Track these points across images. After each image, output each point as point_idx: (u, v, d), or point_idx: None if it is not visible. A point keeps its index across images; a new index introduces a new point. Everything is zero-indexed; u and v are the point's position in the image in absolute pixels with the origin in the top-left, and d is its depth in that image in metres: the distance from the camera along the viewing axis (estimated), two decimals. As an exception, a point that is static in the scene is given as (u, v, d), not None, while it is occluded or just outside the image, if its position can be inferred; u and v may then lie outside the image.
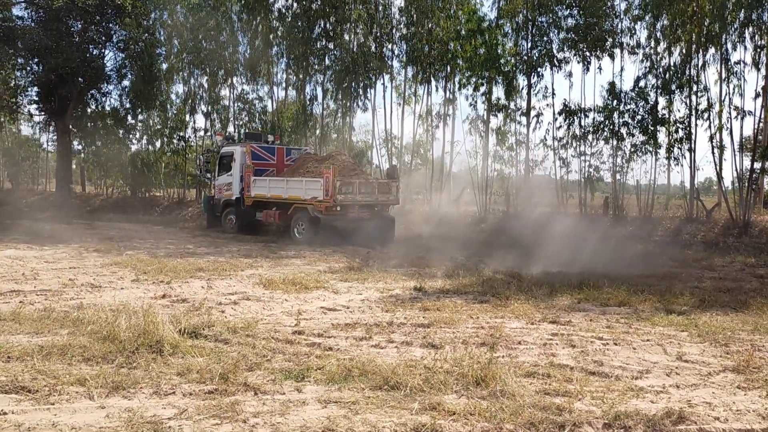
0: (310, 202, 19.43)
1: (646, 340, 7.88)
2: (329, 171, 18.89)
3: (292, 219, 20.21)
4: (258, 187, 21.58)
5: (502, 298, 10.53)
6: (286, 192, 20.43)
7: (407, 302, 10.14)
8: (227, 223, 22.92)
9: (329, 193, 18.88)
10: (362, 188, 19.95)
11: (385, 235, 20.15)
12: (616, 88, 23.76)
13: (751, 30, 21.29)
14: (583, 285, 11.79)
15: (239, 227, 22.25)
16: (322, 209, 19.10)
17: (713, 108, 22.64)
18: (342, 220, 19.30)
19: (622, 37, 23.85)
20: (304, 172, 20.58)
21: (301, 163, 21.63)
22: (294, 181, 20.36)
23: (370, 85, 28.64)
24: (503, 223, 25.52)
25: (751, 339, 8.14)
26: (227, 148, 23.31)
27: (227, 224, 22.88)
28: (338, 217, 19.23)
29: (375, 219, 20.25)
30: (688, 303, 10.60)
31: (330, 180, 18.85)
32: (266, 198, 21.21)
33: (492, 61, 24.59)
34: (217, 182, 23.56)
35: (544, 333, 8.19)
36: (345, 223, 19.31)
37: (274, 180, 21.33)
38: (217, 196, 23.58)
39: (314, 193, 19.34)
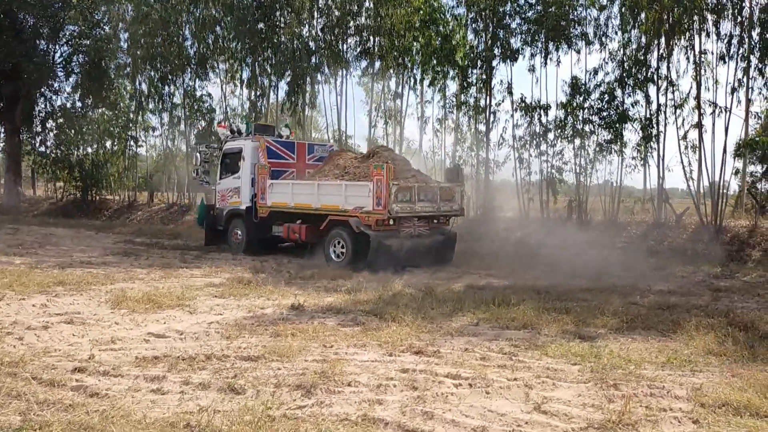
0: (353, 214, 14.34)
1: (513, 380, 6.23)
2: (382, 172, 13.78)
3: (327, 236, 15.11)
4: (277, 194, 16.45)
5: (386, 320, 8.90)
6: (318, 200, 15.24)
7: (266, 325, 8.54)
8: (233, 239, 17.69)
9: (382, 202, 13.84)
10: (422, 195, 14.90)
11: (444, 256, 15.69)
12: (579, 83, 22.08)
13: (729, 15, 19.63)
14: (494, 302, 10.17)
15: (249, 245, 17.14)
16: (372, 223, 14.06)
17: (687, 104, 21.00)
18: (396, 238, 14.34)
19: (584, 27, 22.16)
20: (341, 174, 15.71)
21: (332, 162, 16.62)
22: (330, 186, 15.20)
23: (324, 80, 27.08)
24: (459, 228, 23.85)
25: (653, 377, 6.49)
26: (233, 143, 17.98)
27: (233, 241, 17.67)
28: (392, 233, 14.28)
29: (433, 235, 15.43)
30: (607, 324, 8.98)
31: (383, 184, 13.77)
32: (288, 208, 16.12)
33: (447, 54, 22.96)
34: (220, 187, 18.34)
35: (393, 369, 6.56)
36: (400, 242, 14.40)
37: (300, 184, 16.11)
38: (219, 204, 18.37)
39: (360, 201, 14.26)
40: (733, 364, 6.96)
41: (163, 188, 33.22)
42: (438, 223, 15.71)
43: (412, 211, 14.59)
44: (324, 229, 15.14)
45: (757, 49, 19.04)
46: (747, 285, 13.47)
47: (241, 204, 17.47)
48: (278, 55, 25.91)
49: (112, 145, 33.02)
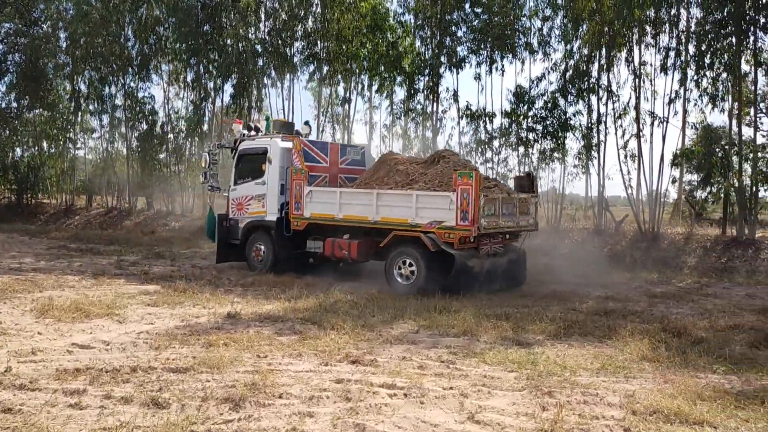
0: (427, 229, 12.11)
1: (449, 389, 6.14)
2: (470, 181, 11.63)
3: (390, 254, 12.70)
4: (318, 203, 13.74)
5: (325, 328, 8.72)
6: (377, 212, 12.77)
7: (199, 334, 8.24)
8: (254, 255, 14.97)
9: (469, 216, 11.65)
10: (504, 208, 12.85)
11: (517, 277, 13.59)
12: (523, 92, 22.39)
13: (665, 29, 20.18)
14: (435, 309, 10.12)
15: (277, 263, 14.44)
16: (455, 241, 11.89)
17: (627, 114, 21.52)
18: (477, 258, 12.30)
19: (528, 37, 22.51)
20: (405, 181, 13.09)
21: (387, 167, 13.83)
22: (395, 196, 12.67)
23: (271, 83, 26.73)
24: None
25: (587, 384, 6.49)
26: (252, 142, 15.23)
27: (254, 258, 14.97)
28: (473, 252, 12.26)
29: (507, 254, 13.36)
30: (545, 330, 9.02)
31: (472, 195, 11.63)
32: (334, 220, 13.50)
33: (394, 61, 22.96)
34: (235, 194, 15.40)
35: (327, 379, 6.38)
36: (480, 262, 12.31)
37: (352, 193, 13.44)
38: (234, 214, 15.40)
39: (438, 214, 12.04)
40: (666, 371, 7.04)
41: (102, 192, 32.18)
42: (510, 239, 13.60)
43: (497, 226, 12.55)
44: (385, 247, 12.70)
45: (693, 61, 19.64)
46: (682, 291, 13.80)
47: (266, 214, 14.66)
48: (223, 57, 25.43)
49: (49, 147, 31.82)
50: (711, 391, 6.19)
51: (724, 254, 18.06)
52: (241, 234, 15.12)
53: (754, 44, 18.92)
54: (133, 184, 29.70)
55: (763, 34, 18.85)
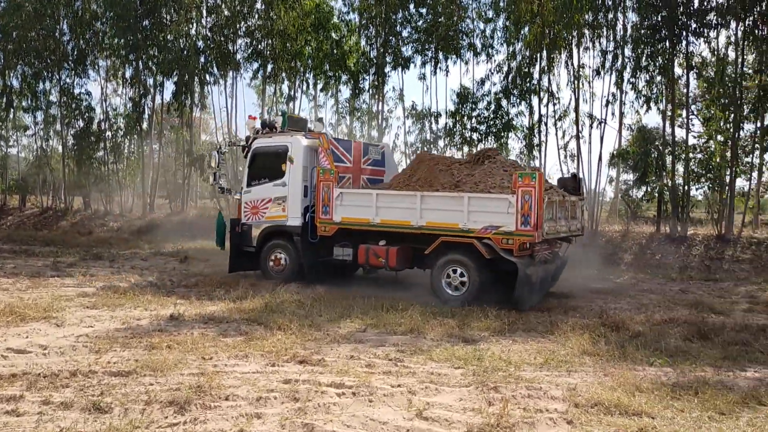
0: (482, 234, 10.96)
1: (397, 387, 6.18)
2: (532, 182, 10.53)
3: (437, 263, 11.51)
4: (350, 206, 12.43)
5: (271, 328, 8.64)
6: (421, 216, 11.58)
7: (141, 337, 8.03)
8: (271, 264, 13.59)
9: (531, 221, 10.55)
10: (560, 211, 11.93)
11: (553, 281, 12.74)
12: (467, 92, 22.72)
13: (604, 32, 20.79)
14: (382, 307, 10.15)
15: (300, 271, 13.20)
16: (514, 247, 10.76)
17: (567, 115, 22.11)
18: (534, 266, 11.09)
19: (472, 38, 22.85)
20: (452, 183, 11.92)
21: (425, 167, 12.60)
22: (443, 198, 11.49)
23: (214, 81, 26.29)
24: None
25: (531, 378, 6.64)
26: (269, 140, 13.78)
27: (271, 266, 13.58)
28: (529, 260, 11.02)
29: (554, 261, 12.33)
30: (490, 327, 9.16)
31: (535, 198, 10.54)
32: (370, 225, 12.19)
33: (339, 59, 22.92)
34: (249, 196, 13.91)
35: (275, 380, 6.33)
36: (536, 270, 11.15)
37: (391, 195, 12.12)
38: (247, 219, 13.94)
39: (495, 218, 10.87)
40: (606, 364, 7.27)
41: (37, 191, 31.02)
42: (558, 245, 12.63)
43: (556, 231, 11.64)
44: (431, 255, 11.60)
45: (629, 64, 20.31)
46: (619, 287, 14.25)
47: (287, 219, 13.30)
48: (164, 53, 24.88)
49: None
50: (648, 383, 6.41)
51: (658, 251, 18.74)
52: (257, 240, 13.71)
53: (686, 48, 19.71)
54: (69, 183, 28.75)
55: (694, 39, 19.69)
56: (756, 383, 6.61)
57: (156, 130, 28.35)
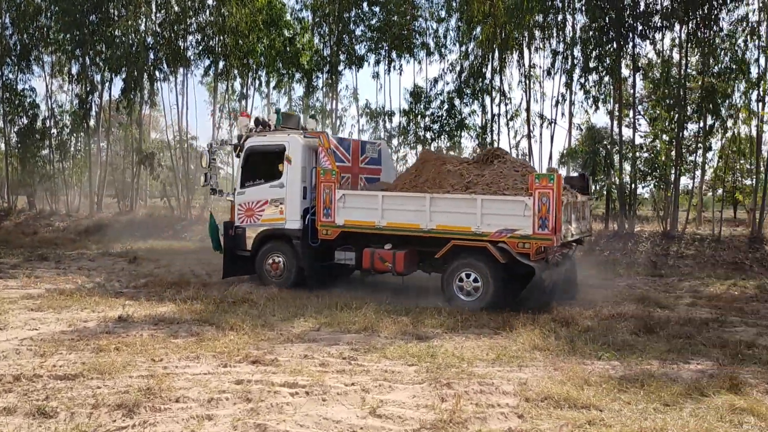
0: (496, 238, 10.58)
1: (351, 385, 6.18)
2: (550, 184, 10.18)
3: (449, 267, 11.12)
4: (353, 209, 11.86)
5: (223, 329, 8.53)
6: (430, 218, 11.10)
7: (88, 339, 7.84)
8: (269, 268, 12.81)
9: (549, 224, 10.19)
10: (574, 213, 11.72)
11: (570, 288, 12.12)
12: (420, 91, 22.86)
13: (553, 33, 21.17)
14: (336, 306, 10.13)
15: (300, 276, 12.55)
16: (531, 251, 10.42)
17: (519, 115, 22.46)
18: (548, 270, 10.75)
19: (425, 38, 23.00)
20: (462, 184, 11.41)
21: (432, 168, 12.02)
22: (455, 200, 11.02)
23: (163, 77, 25.79)
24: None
25: (483, 374, 6.73)
26: (264, 138, 13.00)
27: (270, 272, 12.81)
28: (544, 264, 10.66)
29: (565, 263, 11.81)
30: (444, 324, 9.22)
31: (553, 200, 10.17)
32: (375, 228, 11.64)
33: (292, 57, 22.77)
34: (243, 197, 13.04)
35: (227, 381, 6.26)
36: (550, 274, 10.83)
37: (397, 197, 11.61)
38: (241, 222, 13.08)
39: (510, 221, 10.47)
40: (556, 359, 7.41)
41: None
42: (572, 246, 12.32)
43: (570, 233, 11.34)
44: (442, 259, 11.19)
45: (578, 65, 20.75)
46: (570, 283, 14.51)
47: (285, 222, 12.62)
48: (112, 49, 24.28)
49: None
50: (597, 377, 6.57)
51: (606, 247, 19.18)
52: (253, 244, 12.95)
53: (632, 50, 20.23)
54: (13, 182, 27.81)
55: (640, 41, 20.25)
56: (699, 375, 6.83)
57: (104, 127, 27.66)
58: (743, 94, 19.56)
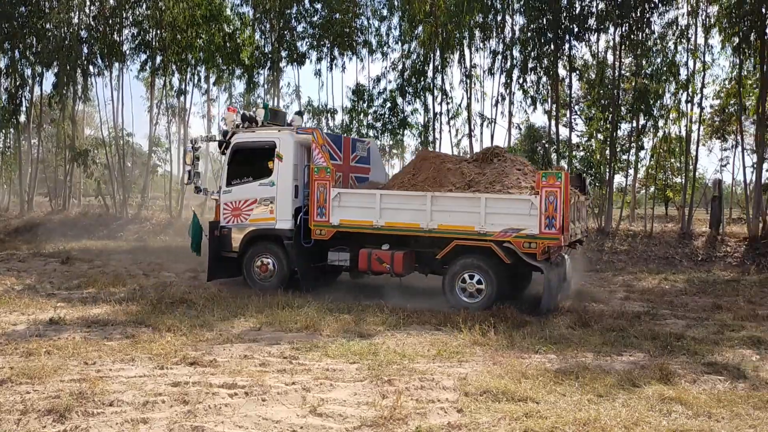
0: (501, 237, 10.34)
1: (291, 384, 6.13)
2: (557, 182, 9.97)
3: (451, 268, 10.86)
4: (349, 208, 11.44)
5: (160, 330, 8.33)
6: (431, 218, 10.78)
7: (17, 343, 7.53)
8: (257, 270, 12.25)
9: (556, 223, 9.98)
10: (578, 212, 11.62)
11: (565, 288, 11.59)
12: (363, 90, 22.87)
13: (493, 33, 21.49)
14: (278, 305, 10.03)
15: (288, 278, 12.07)
16: (537, 251, 10.19)
17: (460, 114, 22.72)
18: (553, 270, 10.55)
19: (367, 36, 23.03)
20: (463, 183, 11.16)
21: (430, 166, 11.72)
22: (457, 199, 10.74)
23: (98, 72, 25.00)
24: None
25: (424, 370, 6.79)
26: (252, 135, 12.39)
27: (257, 273, 12.25)
28: (549, 264, 10.41)
29: (563, 263, 11.42)
30: (386, 322, 9.24)
31: (560, 198, 9.97)
32: (373, 228, 11.24)
33: (232, 53, 22.42)
34: (229, 196, 12.44)
35: (163, 383, 6.11)
36: (556, 275, 10.67)
37: (397, 196, 11.24)
38: (227, 221, 12.48)
39: (515, 221, 10.25)
40: (495, 353, 7.53)
41: None
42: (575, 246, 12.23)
43: (575, 234, 11.24)
44: (444, 259, 10.92)
45: (517, 65, 21.16)
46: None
47: (275, 221, 12.06)
48: (44, 42, 23.37)
49: None
50: (534, 370, 6.71)
51: (545, 244, 19.59)
52: (240, 245, 12.35)
53: (569, 51, 20.77)
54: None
55: (577, 43, 20.80)
56: (631, 366, 7.06)
57: (35, 123, 26.61)
58: (673, 95, 20.36)
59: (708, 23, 19.86)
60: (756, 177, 19.36)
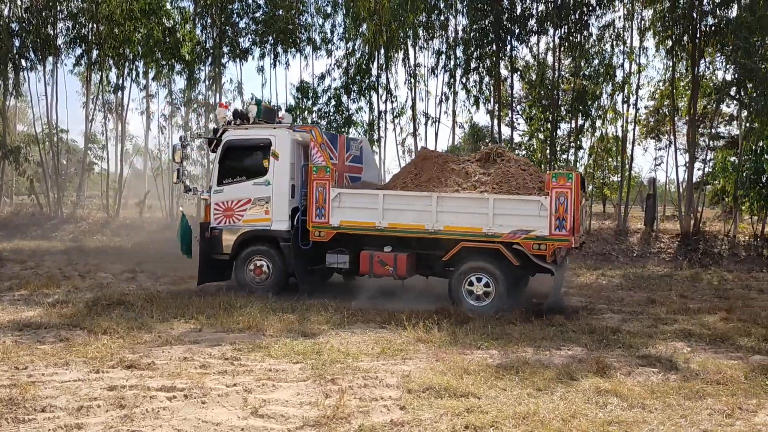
0: (510, 239, 10.14)
1: (233, 386, 6.03)
2: (568, 182, 9.87)
3: (458, 271, 10.57)
4: (350, 209, 11.10)
5: (96, 333, 8.08)
6: (436, 219, 10.50)
7: (-60, 349, 7.16)
8: (251, 273, 11.78)
9: (566, 224, 9.83)
10: (584, 212, 11.56)
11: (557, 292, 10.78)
12: (307, 87, 22.72)
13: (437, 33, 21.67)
14: (220, 305, 9.85)
15: (284, 281, 11.71)
16: (547, 253, 10.02)
17: (405, 113, 22.84)
18: (560, 272, 10.55)
19: (311, 33, 22.89)
20: (470, 183, 10.94)
21: (433, 165, 11.47)
22: (463, 200, 10.53)
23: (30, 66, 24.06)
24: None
25: (368, 368, 6.79)
26: (245, 132, 11.85)
27: (251, 276, 11.77)
28: (557, 267, 10.27)
29: (564, 265, 11.33)
30: (330, 321, 9.20)
31: (571, 199, 9.85)
32: (375, 229, 10.89)
33: (172, 48, 21.93)
34: (221, 196, 11.91)
35: (98, 387, 5.93)
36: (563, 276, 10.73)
37: (400, 196, 10.91)
38: (219, 222, 11.94)
39: (524, 222, 10.06)
40: (438, 350, 7.59)
41: None
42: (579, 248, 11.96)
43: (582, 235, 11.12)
44: (450, 262, 10.65)
45: (460, 65, 21.40)
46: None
47: (270, 222, 11.63)
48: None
49: None
50: (476, 366, 6.80)
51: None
52: (233, 247, 11.84)
53: (510, 52, 21.13)
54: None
55: (518, 44, 21.19)
56: (569, 360, 7.23)
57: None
58: (610, 96, 20.97)
59: (643, 26, 20.54)
60: (688, 176, 20.16)
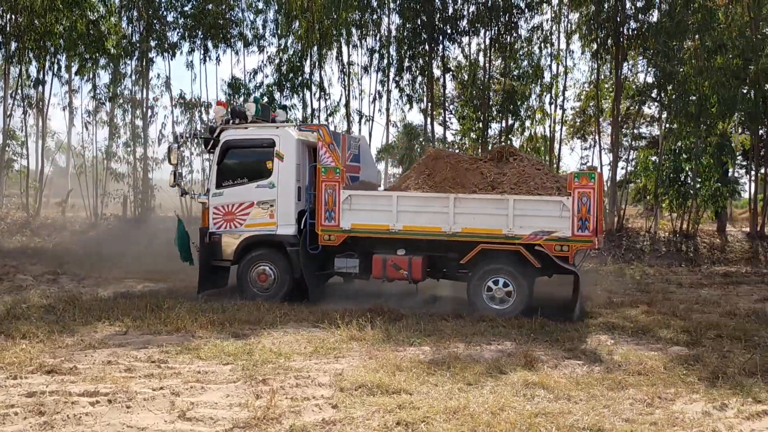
0: (531, 241, 9.88)
1: (159, 389, 5.86)
2: (590, 183, 9.65)
3: (476, 273, 10.27)
4: (362, 211, 10.70)
5: (14, 337, 7.70)
6: (454, 220, 10.18)
7: None
8: (255, 279, 11.20)
9: (589, 225, 9.59)
10: None
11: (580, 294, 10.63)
12: (239, 83, 22.35)
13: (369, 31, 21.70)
14: (147, 307, 9.57)
15: (290, 287, 11.10)
16: (570, 254, 9.81)
17: (339, 111, 22.78)
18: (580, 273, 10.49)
19: (242, 28, 22.54)
20: (486, 184, 10.62)
21: (445, 166, 11.01)
22: (484, 201, 10.21)
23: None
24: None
25: (300, 367, 6.73)
26: (246, 131, 11.32)
27: (255, 282, 11.20)
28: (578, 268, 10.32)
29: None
30: (263, 320, 9.10)
31: (593, 199, 9.61)
32: (389, 232, 10.51)
33: (96, 41, 21.16)
34: (221, 199, 11.37)
35: (16, 394, 5.67)
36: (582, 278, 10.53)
37: (416, 197, 10.52)
38: (218, 227, 11.41)
39: (545, 223, 9.80)
40: (371, 348, 7.60)
41: None
42: None
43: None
44: (469, 264, 10.32)
45: (394, 64, 21.52)
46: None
47: (275, 226, 11.11)
48: None
49: None
50: (408, 362, 6.84)
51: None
52: (236, 252, 11.26)
53: (443, 52, 21.40)
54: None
55: (450, 44, 21.49)
56: (499, 354, 7.38)
57: None
58: (538, 97, 21.55)
59: (570, 30, 21.18)
60: (612, 174, 20.90)
